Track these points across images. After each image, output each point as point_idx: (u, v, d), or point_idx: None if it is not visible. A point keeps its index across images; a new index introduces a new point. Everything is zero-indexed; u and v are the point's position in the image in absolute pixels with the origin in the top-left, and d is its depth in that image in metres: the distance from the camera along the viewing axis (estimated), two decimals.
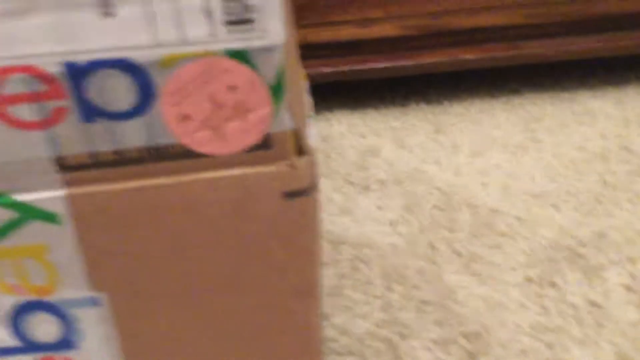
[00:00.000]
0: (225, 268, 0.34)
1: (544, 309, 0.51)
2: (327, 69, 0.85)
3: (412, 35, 0.84)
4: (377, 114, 0.88)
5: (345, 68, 0.85)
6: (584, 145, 0.75)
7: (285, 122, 0.32)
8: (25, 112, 0.29)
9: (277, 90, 0.31)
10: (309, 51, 0.85)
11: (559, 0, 0.82)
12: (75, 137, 0.30)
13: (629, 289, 0.53)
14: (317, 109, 0.91)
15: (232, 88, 0.31)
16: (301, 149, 0.33)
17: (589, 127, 0.79)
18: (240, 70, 0.30)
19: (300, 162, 0.33)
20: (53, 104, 0.29)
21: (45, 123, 0.30)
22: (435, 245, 0.60)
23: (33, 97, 0.29)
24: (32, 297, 0.33)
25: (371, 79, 0.90)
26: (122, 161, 0.31)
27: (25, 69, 0.28)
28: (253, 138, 0.32)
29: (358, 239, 0.62)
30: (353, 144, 0.81)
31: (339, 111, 0.90)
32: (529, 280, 0.55)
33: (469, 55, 0.84)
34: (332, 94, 0.94)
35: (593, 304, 0.52)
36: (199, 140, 0.32)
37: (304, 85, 0.42)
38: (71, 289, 0.33)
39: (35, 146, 0.30)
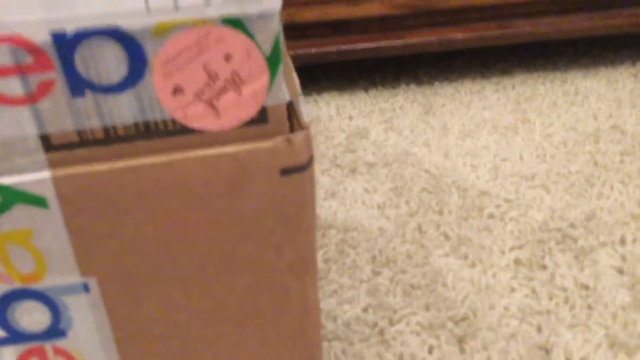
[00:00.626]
0: (220, 248, 0.33)
1: (534, 292, 0.50)
2: (314, 50, 0.83)
3: (402, 15, 0.82)
4: (365, 96, 0.87)
5: (333, 48, 0.83)
6: (575, 125, 0.74)
7: (282, 95, 0.31)
8: (7, 86, 0.28)
9: (273, 60, 0.30)
10: (296, 31, 0.83)
11: None
12: (63, 112, 0.29)
13: (620, 271, 0.52)
14: (304, 91, 0.90)
15: (227, 57, 0.29)
16: (297, 124, 0.32)
17: (580, 107, 0.78)
18: (236, 38, 0.29)
19: (297, 137, 0.31)
20: (39, 77, 0.28)
21: (30, 98, 0.28)
22: (424, 228, 0.59)
23: (17, 70, 0.28)
24: (18, 285, 0.32)
25: (360, 59, 0.88)
26: (111, 139, 0.30)
27: (9, 38, 0.27)
28: (248, 112, 0.31)
29: (345, 223, 0.61)
30: (341, 126, 0.79)
31: (327, 93, 0.88)
32: (519, 262, 0.54)
33: (459, 35, 0.82)
34: (320, 75, 0.93)
35: (583, 286, 0.51)
36: (192, 115, 0.30)
37: (290, 61, 0.41)
38: (59, 275, 0.32)
39: (19, 124, 0.29)
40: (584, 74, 0.87)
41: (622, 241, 0.55)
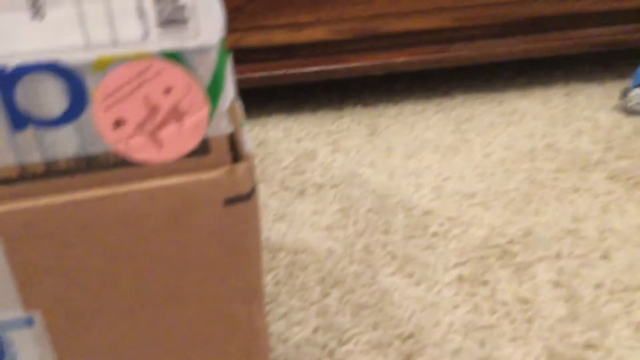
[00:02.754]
0: (165, 279, 0.33)
1: (476, 308, 0.52)
2: (261, 74, 0.84)
3: (344, 39, 0.84)
4: (313, 118, 0.88)
5: (279, 72, 0.84)
6: (512, 144, 0.78)
7: (223, 126, 0.31)
8: None
9: (214, 92, 0.30)
10: (242, 56, 0.84)
11: (486, 3, 0.84)
12: (3, 147, 0.29)
13: (556, 284, 0.54)
14: (252, 114, 0.91)
15: (167, 90, 0.30)
16: (239, 154, 0.33)
17: (516, 126, 0.82)
18: (175, 72, 0.30)
19: (239, 167, 0.32)
20: None
21: None
22: (371, 248, 0.60)
23: None
24: None
25: (305, 82, 0.89)
26: (52, 173, 0.30)
27: None
28: (190, 143, 0.31)
29: (295, 245, 0.62)
30: (289, 148, 0.80)
31: (275, 115, 0.89)
32: (461, 279, 0.56)
33: (400, 59, 0.85)
34: (267, 98, 0.94)
35: (523, 300, 0.53)
36: (134, 147, 0.31)
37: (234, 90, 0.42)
38: (2, 309, 0.32)
39: None
40: (520, 94, 0.91)
41: (558, 255, 0.58)
